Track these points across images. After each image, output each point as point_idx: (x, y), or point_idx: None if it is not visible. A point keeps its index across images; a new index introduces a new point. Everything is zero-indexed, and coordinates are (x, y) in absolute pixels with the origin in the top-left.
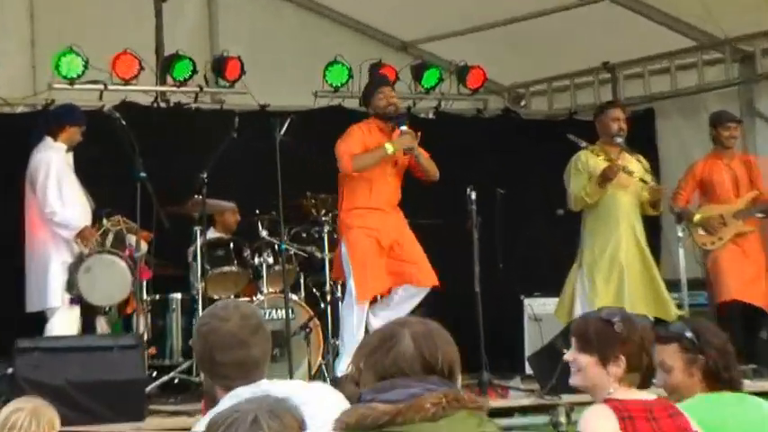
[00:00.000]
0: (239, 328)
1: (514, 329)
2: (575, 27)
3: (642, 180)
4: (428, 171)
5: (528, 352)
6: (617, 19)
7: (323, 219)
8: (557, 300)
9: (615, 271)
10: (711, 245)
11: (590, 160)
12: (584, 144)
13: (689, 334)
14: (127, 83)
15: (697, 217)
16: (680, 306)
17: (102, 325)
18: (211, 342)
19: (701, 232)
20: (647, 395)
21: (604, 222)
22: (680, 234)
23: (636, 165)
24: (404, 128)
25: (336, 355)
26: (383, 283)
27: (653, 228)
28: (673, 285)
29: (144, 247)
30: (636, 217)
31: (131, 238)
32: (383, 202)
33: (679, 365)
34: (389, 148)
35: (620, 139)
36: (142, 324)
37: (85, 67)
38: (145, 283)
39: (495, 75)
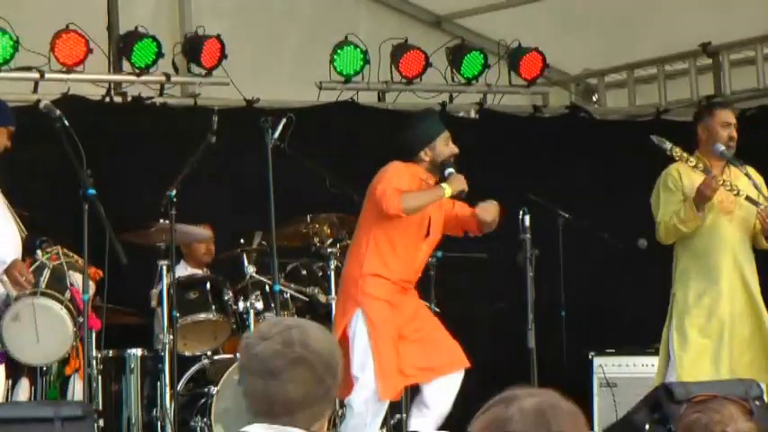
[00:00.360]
0: (273, 354)
1: (581, 397)
2: None
3: (752, 200)
4: (485, 219)
5: (598, 427)
6: None
7: (328, 250)
8: (635, 360)
9: (714, 324)
10: None
11: (685, 176)
12: (668, 146)
13: None
14: (70, 70)
15: None
16: None
17: (24, 389)
18: (242, 362)
19: None
20: None
21: (702, 259)
22: None
23: (744, 181)
24: (451, 169)
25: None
26: (408, 377)
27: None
28: None
29: (92, 287)
30: (745, 252)
31: (75, 277)
32: (412, 274)
33: None
34: (447, 189)
35: (727, 152)
36: (79, 389)
37: (15, 48)
38: (94, 336)
39: (559, 60)
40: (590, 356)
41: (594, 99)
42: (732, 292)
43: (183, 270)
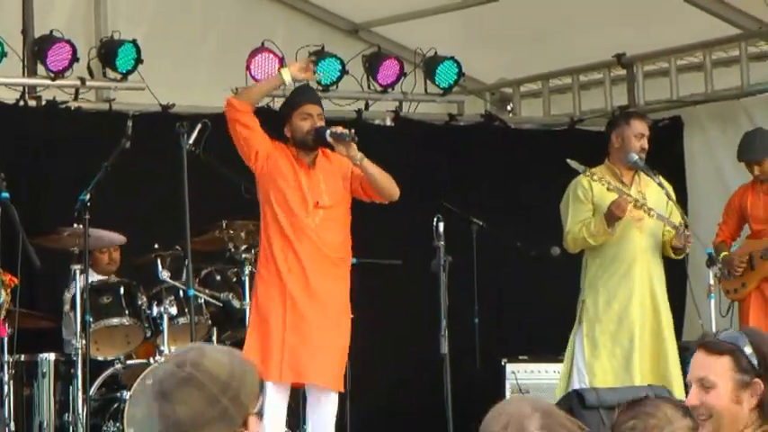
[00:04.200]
0: (164, 376)
1: (494, 403)
2: (580, 8)
3: (664, 219)
4: (381, 183)
5: None
6: None
7: (243, 256)
8: (547, 366)
9: (624, 331)
10: (734, 293)
11: (595, 187)
12: (582, 169)
13: (748, 350)
14: None
15: (723, 254)
16: None
17: None
18: (145, 384)
19: (725, 274)
20: None
21: (613, 267)
22: (711, 282)
23: (654, 189)
24: (333, 129)
25: None
26: None
27: (676, 273)
28: None
29: (4, 295)
30: (654, 259)
31: None
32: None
33: (727, 386)
34: (285, 72)
35: (634, 158)
36: None
37: None
38: (6, 341)
39: (474, 69)
40: (503, 363)
41: (509, 108)
42: (642, 297)
43: (94, 276)
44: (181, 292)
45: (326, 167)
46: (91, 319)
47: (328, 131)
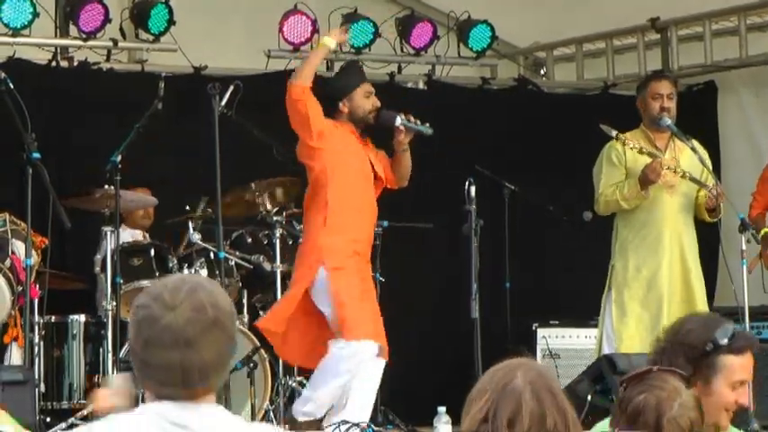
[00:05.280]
0: (186, 323)
1: None
2: None
3: (697, 182)
4: (406, 173)
5: None
6: None
7: (274, 219)
8: (578, 331)
9: (653, 297)
10: None
11: (629, 151)
12: (614, 134)
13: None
14: (17, 33)
15: (764, 230)
16: None
17: None
18: (145, 334)
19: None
20: None
21: (643, 232)
22: (743, 247)
23: (688, 154)
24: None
25: (289, 396)
26: None
27: (709, 239)
28: (733, 315)
29: (36, 256)
30: (686, 225)
31: (18, 245)
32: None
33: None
34: (328, 39)
35: (667, 122)
36: (17, 357)
37: None
38: (37, 303)
39: (508, 33)
40: (533, 328)
41: (543, 72)
42: (671, 263)
43: (122, 232)
44: (212, 254)
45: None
46: (121, 281)
47: (399, 119)
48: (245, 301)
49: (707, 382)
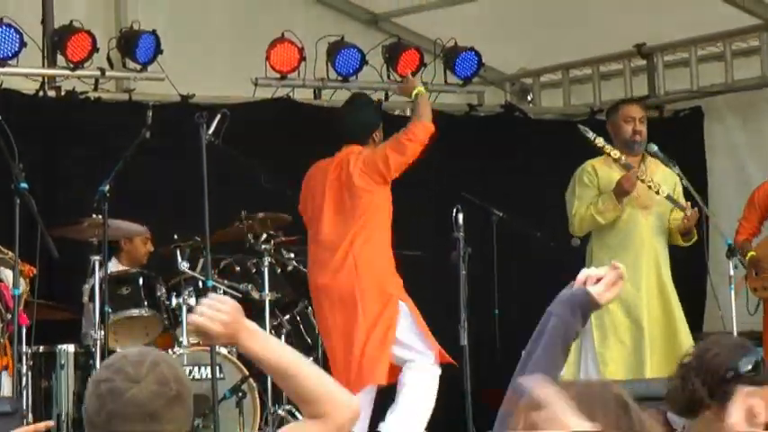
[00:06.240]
0: (151, 397)
1: None
2: None
3: (673, 201)
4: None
5: None
6: None
7: (262, 247)
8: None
9: (633, 320)
10: (763, 290)
11: (600, 172)
12: (592, 135)
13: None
14: (3, 63)
15: (749, 254)
16: None
17: None
18: (109, 407)
19: (753, 274)
20: None
21: (620, 255)
22: (731, 273)
23: (660, 176)
24: None
25: (279, 424)
26: None
27: (696, 264)
28: None
29: (24, 284)
30: (662, 247)
31: (5, 273)
32: None
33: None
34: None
35: (653, 148)
36: (7, 386)
37: None
38: (24, 332)
39: (494, 60)
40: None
41: (529, 99)
42: (649, 289)
43: (116, 266)
44: (200, 283)
45: None
46: (110, 310)
47: None
48: None
49: (721, 407)
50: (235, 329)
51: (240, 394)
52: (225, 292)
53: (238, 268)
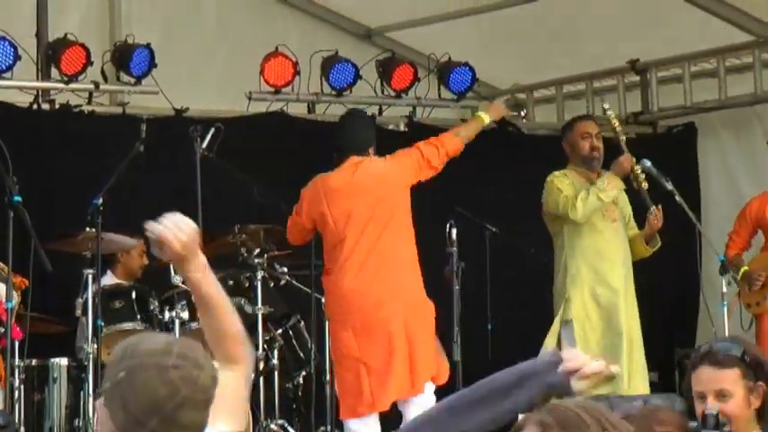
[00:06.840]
0: (212, 384)
1: None
2: (594, 14)
3: (643, 196)
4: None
5: None
6: (649, 4)
7: (255, 261)
8: None
9: (613, 327)
10: (756, 306)
11: (570, 175)
12: (516, 113)
13: (747, 357)
14: None
15: (742, 269)
16: None
17: None
18: (183, 394)
19: (746, 289)
20: None
21: (595, 263)
22: (724, 289)
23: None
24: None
25: None
26: None
27: (689, 279)
28: None
29: (17, 297)
30: (628, 259)
31: None
32: None
33: (740, 394)
34: (485, 115)
35: (647, 163)
36: (0, 399)
37: None
38: (17, 345)
39: (488, 75)
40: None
41: (523, 114)
42: (626, 296)
43: (110, 280)
44: (192, 297)
45: None
46: (102, 324)
47: None
48: None
49: None
50: (189, 252)
51: None
52: None
53: (231, 282)
